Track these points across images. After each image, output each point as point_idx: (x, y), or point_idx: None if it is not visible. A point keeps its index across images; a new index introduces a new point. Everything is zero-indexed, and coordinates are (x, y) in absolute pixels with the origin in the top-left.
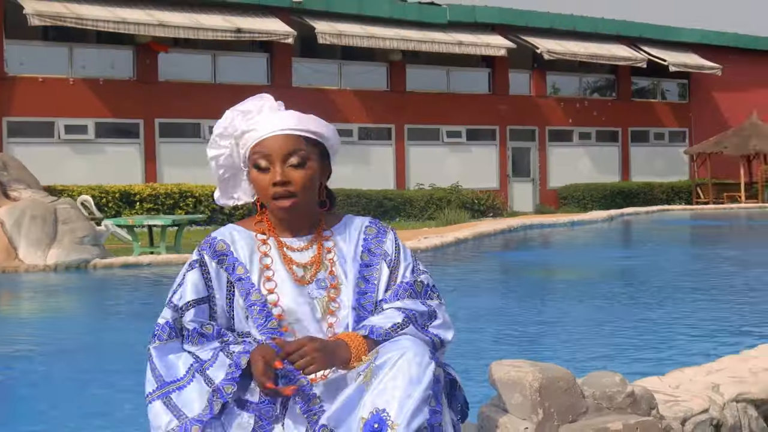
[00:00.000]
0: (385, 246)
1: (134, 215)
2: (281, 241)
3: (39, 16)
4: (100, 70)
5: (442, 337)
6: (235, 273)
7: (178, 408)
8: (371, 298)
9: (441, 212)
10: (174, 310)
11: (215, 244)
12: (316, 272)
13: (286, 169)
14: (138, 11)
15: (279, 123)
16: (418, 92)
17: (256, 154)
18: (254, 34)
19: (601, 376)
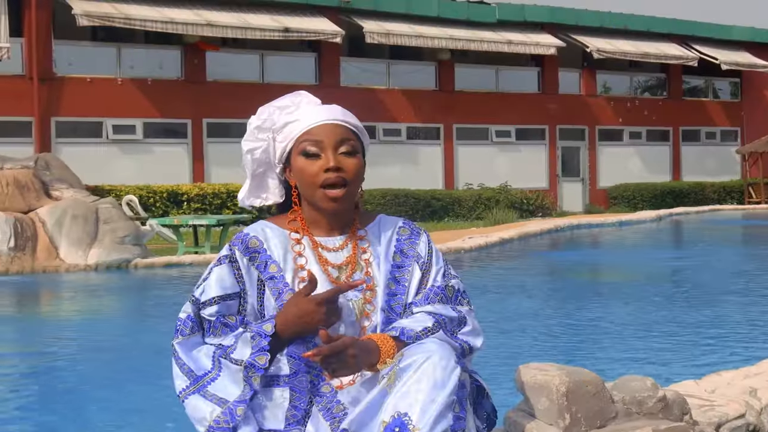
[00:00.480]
0: (418, 248)
1: (181, 215)
2: (316, 241)
3: (87, 16)
4: (149, 70)
5: (471, 344)
6: (267, 271)
7: (218, 396)
8: (401, 300)
9: (489, 212)
10: (195, 305)
11: (248, 241)
12: (352, 273)
13: (338, 156)
14: (186, 11)
15: (327, 113)
16: (467, 91)
17: (304, 141)
18: (302, 34)
19: (632, 381)
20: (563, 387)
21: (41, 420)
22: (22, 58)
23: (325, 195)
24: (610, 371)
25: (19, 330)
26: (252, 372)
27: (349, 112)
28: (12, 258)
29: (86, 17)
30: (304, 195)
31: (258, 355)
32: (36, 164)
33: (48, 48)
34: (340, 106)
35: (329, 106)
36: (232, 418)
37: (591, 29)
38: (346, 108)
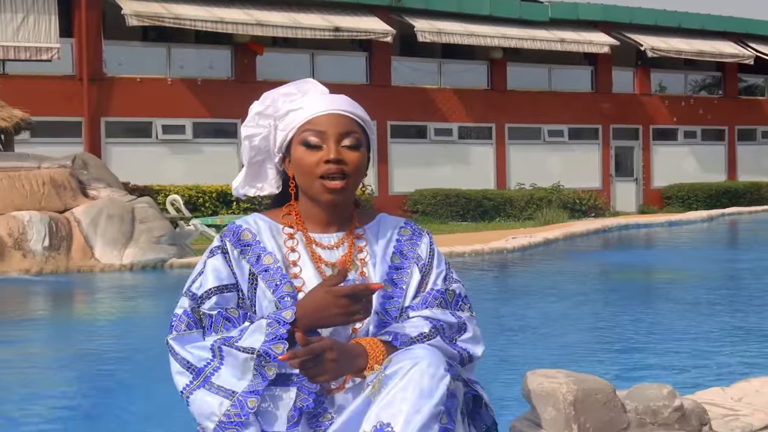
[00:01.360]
0: (419, 249)
1: (230, 215)
2: (310, 237)
3: (137, 16)
4: (198, 70)
5: (471, 352)
6: (261, 263)
7: (224, 388)
8: (397, 303)
9: (540, 212)
10: (192, 299)
11: (240, 233)
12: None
13: (340, 148)
14: (236, 11)
15: (332, 103)
16: (519, 91)
17: (306, 131)
18: (353, 33)
19: (646, 389)
20: (570, 395)
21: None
22: (72, 59)
23: (323, 186)
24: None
25: (53, 330)
26: (266, 361)
27: (356, 104)
28: (46, 258)
29: (136, 17)
30: (302, 187)
31: (275, 343)
32: (73, 163)
33: (98, 48)
34: (347, 97)
35: (336, 95)
36: (243, 411)
37: (645, 27)
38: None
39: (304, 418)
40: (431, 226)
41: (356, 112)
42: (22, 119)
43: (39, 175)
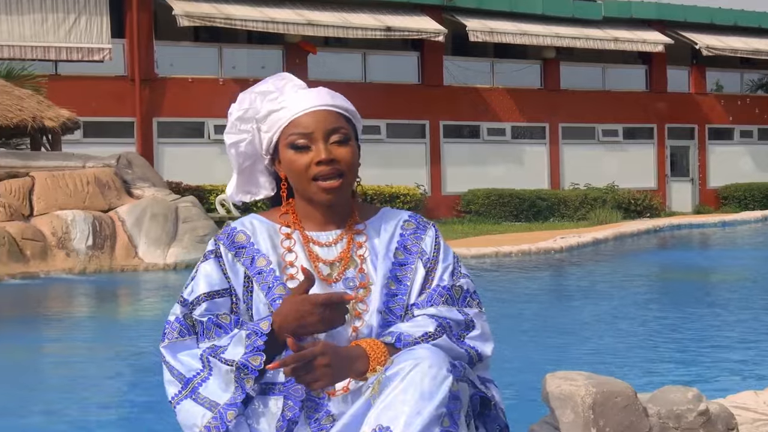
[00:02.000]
0: (423, 243)
1: None
2: (307, 235)
3: (188, 17)
4: (250, 70)
5: (479, 351)
6: (255, 266)
7: (209, 399)
8: (402, 301)
9: (593, 212)
10: (183, 305)
11: (234, 235)
12: (344, 270)
13: (329, 146)
14: (287, 11)
15: (314, 99)
16: (573, 90)
17: (292, 134)
18: (404, 33)
19: (671, 392)
20: (589, 398)
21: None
22: (124, 60)
23: (319, 187)
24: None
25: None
26: (245, 373)
27: (338, 94)
28: (90, 257)
29: (187, 18)
30: (296, 188)
31: (252, 355)
32: (118, 163)
33: (149, 49)
34: (327, 88)
35: (316, 89)
36: (222, 424)
37: (700, 26)
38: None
39: (306, 420)
40: (484, 227)
41: (339, 104)
42: (68, 119)
43: (83, 174)
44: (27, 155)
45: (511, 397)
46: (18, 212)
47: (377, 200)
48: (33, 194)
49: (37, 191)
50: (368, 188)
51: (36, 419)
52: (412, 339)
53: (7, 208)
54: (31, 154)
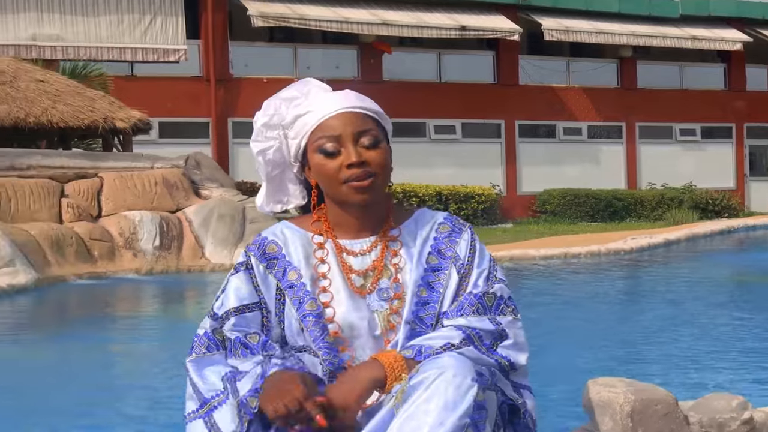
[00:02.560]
0: (458, 248)
1: None
2: (340, 245)
3: (262, 17)
4: (325, 70)
5: (512, 360)
6: (286, 279)
7: (217, 426)
8: (433, 309)
9: (669, 213)
10: (213, 319)
11: (265, 246)
12: (378, 280)
13: (359, 149)
14: (362, 10)
15: (341, 101)
16: (650, 89)
17: (320, 138)
18: (479, 32)
19: (715, 399)
20: (628, 406)
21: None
22: (199, 60)
23: (351, 188)
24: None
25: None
26: (243, 412)
27: (365, 96)
28: (157, 257)
29: (261, 18)
30: (328, 194)
31: (252, 396)
32: (186, 163)
33: (224, 49)
34: (354, 91)
35: (342, 92)
36: None
37: None
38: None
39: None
40: (559, 227)
41: (367, 106)
42: (139, 120)
43: (152, 175)
44: (96, 156)
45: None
46: (86, 213)
47: (452, 200)
48: (101, 195)
49: (106, 192)
50: (443, 188)
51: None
52: (433, 351)
53: (76, 209)
54: (100, 154)
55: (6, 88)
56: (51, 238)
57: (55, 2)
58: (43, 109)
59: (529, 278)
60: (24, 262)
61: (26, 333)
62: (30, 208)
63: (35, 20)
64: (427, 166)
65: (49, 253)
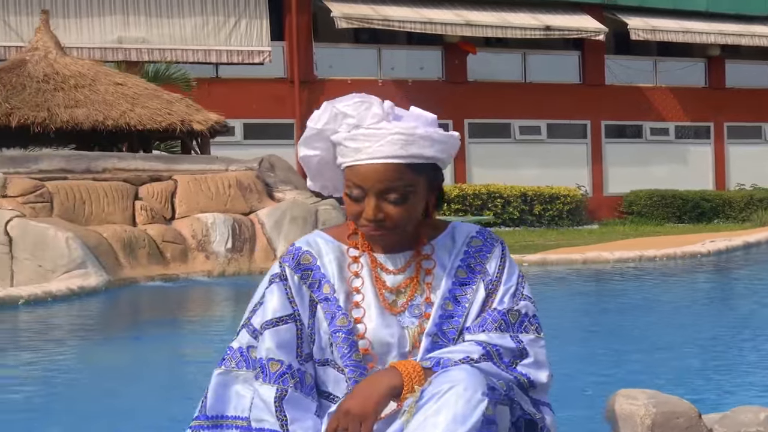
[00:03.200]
0: (488, 264)
1: (441, 217)
2: (375, 260)
3: (346, 18)
4: (409, 71)
5: (531, 378)
6: (321, 291)
7: None
8: (457, 323)
9: (757, 214)
10: (251, 334)
11: (299, 256)
12: (411, 297)
13: (382, 203)
14: (445, 11)
15: (381, 148)
16: (738, 88)
17: (350, 181)
18: (564, 32)
19: (742, 412)
20: (648, 419)
21: None
22: (284, 62)
23: (366, 233)
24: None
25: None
26: None
27: (420, 137)
28: (229, 259)
29: (345, 19)
30: None
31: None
32: (260, 166)
33: (308, 51)
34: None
35: (389, 133)
36: None
37: None
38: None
39: None
40: (646, 228)
41: (413, 153)
42: (217, 122)
43: (225, 177)
44: (171, 159)
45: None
46: (159, 215)
47: (537, 201)
48: (175, 197)
49: (179, 194)
50: (527, 189)
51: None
52: (452, 363)
53: (149, 211)
54: (175, 157)
55: (85, 92)
56: (123, 240)
57: (141, 5)
58: (121, 112)
59: (601, 282)
60: (95, 264)
61: (96, 334)
62: (104, 211)
63: (121, 23)
64: (512, 167)
65: (121, 255)
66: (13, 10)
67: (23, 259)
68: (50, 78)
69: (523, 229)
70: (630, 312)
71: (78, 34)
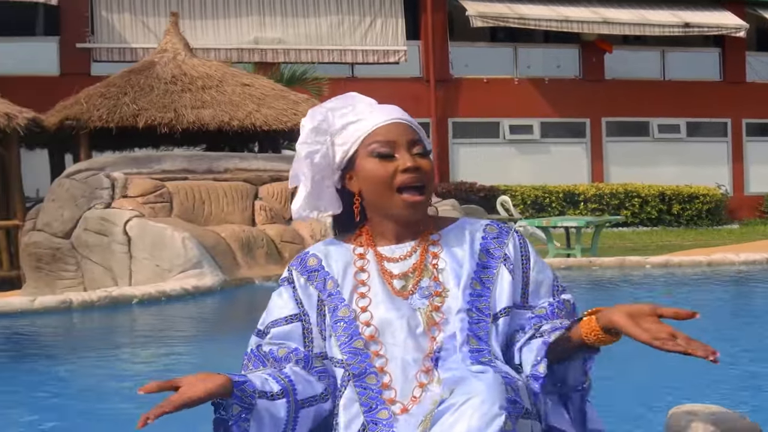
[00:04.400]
0: (506, 249)
1: (578, 216)
2: (380, 253)
3: (481, 17)
4: (546, 70)
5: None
6: (326, 289)
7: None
8: (486, 302)
9: None
10: (257, 335)
11: (306, 260)
12: (419, 280)
13: (413, 156)
14: (582, 9)
15: (392, 112)
16: None
17: (375, 143)
18: (703, 29)
19: None
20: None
21: None
22: (419, 61)
23: (403, 202)
24: None
25: None
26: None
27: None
28: None
29: (480, 18)
30: (374, 202)
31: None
32: None
33: (444, 50)
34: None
35: (389, 106)
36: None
37: None
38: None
39: None
40: None
41: (414, 122)
42: None
43: None
44: (292, 159)
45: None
46: (279, 215)
47: (675, 200)
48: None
49: None
50: (666, 188)
51: None
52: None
53: (268, 212)
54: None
55: (212, 93)
56: (241, 240)
57: (277, 6)
58: (247, 113)
59: (721, 285)
60: (211, 264)
61: (209, 334)
62: (223, 211)
63: (257, 24)
64: (650, 166)
65: (239, 255)
66: (151, 12)
67: (141, 258)
68: (178, 79)
69: (661, 229)
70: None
71: (215, 35)
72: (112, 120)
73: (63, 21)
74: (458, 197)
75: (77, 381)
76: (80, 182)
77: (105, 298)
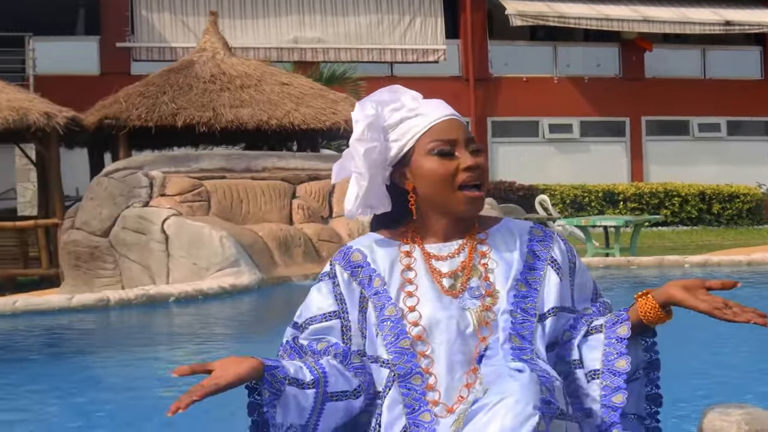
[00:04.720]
0: (552, 252)
1: (617, 215)
2: (427, 251)
3: (521, 16)
4: (585, 68)
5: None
6: (372, 286)
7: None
8: (533, 302)
9: None
10: (294, 328)
11: (350, 255)
12: (468, 279)
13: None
14: (622, 7)
15: (446, 108)
16: None
17: (435, 141)
18: (744, 27)
19: None
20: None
21: None
22: (458, 60)
23: (465, 198)
24: None
25: None
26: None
27: None
28: None
29: (519, 17)
30: (432, 199)
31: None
32: None
33: (483, 49)
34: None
35: (438, 100)
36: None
37: None
38: None
39: None
40: None
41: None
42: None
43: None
44: (331, 158)
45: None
46: (317, 214)
47: (715, 200)
48: (332, 196)
49: (337, 193)
50: (706, 187)
51: None
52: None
53: (306, 210)
54: (334, 156)
55: (251, 92)
56: (279, 238)
57: (317, 5)
58: (286, 112)
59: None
60: (249, 263)
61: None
62: (261, 209)
63: (297, 23)
64: (690, 165)
65: (276, 254)
66: (191, 11)
67: (179, 256)
68: (216, 78)
69: (701, 228)
70: None
71: (254, 34)
72: (151, 119)
73: (103, 20)
74: (497, 196)
75: (114, 379)
76: (119, 181)
77: (142, 296)
